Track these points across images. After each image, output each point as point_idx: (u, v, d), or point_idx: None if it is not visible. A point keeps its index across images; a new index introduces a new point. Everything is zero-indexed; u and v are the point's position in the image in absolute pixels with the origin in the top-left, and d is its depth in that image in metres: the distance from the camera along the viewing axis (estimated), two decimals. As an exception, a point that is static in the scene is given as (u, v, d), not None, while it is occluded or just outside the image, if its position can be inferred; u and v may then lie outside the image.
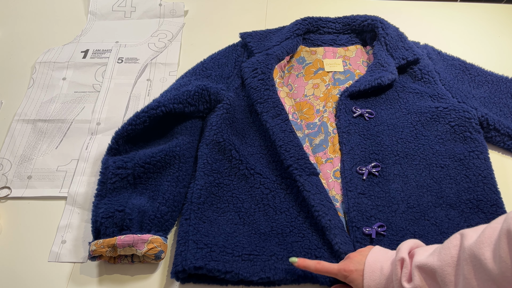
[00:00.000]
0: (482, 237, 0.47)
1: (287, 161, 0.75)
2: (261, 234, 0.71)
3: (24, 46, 1.04)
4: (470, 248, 0.48)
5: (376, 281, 0.58)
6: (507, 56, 1.00)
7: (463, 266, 0.48)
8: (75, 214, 0.76)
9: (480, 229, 0.49)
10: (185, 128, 0.81)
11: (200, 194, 0.73)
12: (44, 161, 0.83)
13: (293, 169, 0.74)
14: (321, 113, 0.86)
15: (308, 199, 0.71)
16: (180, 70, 0.98)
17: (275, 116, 0.80)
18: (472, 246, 0.48)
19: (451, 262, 0.50)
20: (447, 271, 0.50)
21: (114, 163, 0.74)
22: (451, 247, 0.51)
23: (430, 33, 1.04)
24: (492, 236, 0.46)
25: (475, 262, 0.47)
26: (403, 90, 0.88)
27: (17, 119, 0.89)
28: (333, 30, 0.98)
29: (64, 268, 0.71)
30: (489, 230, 0.47)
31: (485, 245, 0.46)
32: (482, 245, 0.46)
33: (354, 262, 0.61)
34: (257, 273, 0.66)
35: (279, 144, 0.77)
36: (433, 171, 0.77)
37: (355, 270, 0.60)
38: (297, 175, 0.73)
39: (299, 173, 0.74)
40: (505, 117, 0.85)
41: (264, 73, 0.85)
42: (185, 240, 0.68)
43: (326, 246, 0.70)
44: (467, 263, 0.47)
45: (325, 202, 0.71)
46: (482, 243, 0.47)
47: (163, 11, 1.09)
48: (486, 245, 0.46)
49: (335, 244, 0.67)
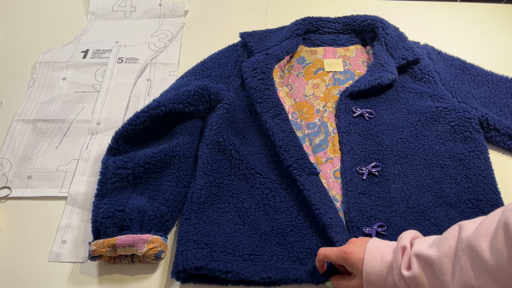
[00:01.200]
0: (479, 229, 0.47)
1: (287, 161, 0.75)
2: (261, 234, 0.71)
3: (24, 46, 1.04)
4: (467, 239, 0.48)
5: (376, 268, 0.57)
6: (507, 56, 1.00)
7: (460, 257, 0.48)
8: (75, 214, 0.76)
9: (479, 221, 0.50)
10: (185, 128, 0.81)
11: (200, 194, 0.73)
12: (44, 161, 0.83)
13: (293, 169, 0.74)
14: (321, 113, 0.86)
15: (309, 197, 0.71)
16: (180, 70, 0.98)
17: (275, 116, 0.80)
18: (469, 237, 0.48)
19: (448, 252, 0.50)
20: (444, 261, 0.50)
21: (114, 163, 0.74)
22: (449, 238, 0.51)
23: (430, 33, 1.04)
24: (490, 227, 0.46)
25: (472, 253, 0.47)
26: (403, 90, 0.88)
27: (17, 119, 0.89)
28: (333, 30, 0.99)
29: (64, 268, 0.71)
30: (487, 222, 0.47)
31: (482, 236, 0.46)
32: (479, 236, 0.47)
33: (355, 245, 0.61)
34: (258, 273, 0.66)
35: (278, 144, 0.77)
36: (433, 171, 0.77)
37: (355, 252, 0.59)
38: (297, 174, 0.73)
39: (299, 172, 0.74)
40: (505, 117, 0.85)
41: (264, 73, 0.85)
42: (186, 240, 0.68)
43: (326, 245, 0.69)
44: (464, 253, 0.48)
45: (325, 201, 0.71)
46: (479, 234, 0.47)
47: (163, 11, 1.09)
48: (483, 237, 0.46)
49: (337, 242, 0.67)
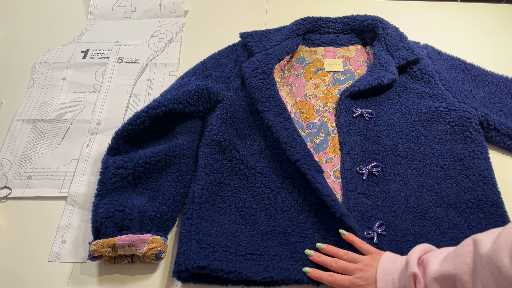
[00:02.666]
0: (498, 244, 0.46)
1: (294, 156, 0.75)
2: (263, 233, 0.71)
3: (24, 46, 1.04)
4: (487, 256, 0.47)
5: None
6: (507, 56, 1.00)
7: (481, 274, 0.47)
8: (75, 214, 0.76)
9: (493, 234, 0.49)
10: (185, 128, 0.81)
11: (201, 193, 0.73)
12: (44, 161, 0.83)
13: (301, 164, 0.74)
14: (321, 113, 0.86)
15: (322, 190, 0.71)
16: (180, 70, 0.98)
17: (278, 115, 0.80)
18: (489, 254, 0.46)
19: (467, 270, 0.49)
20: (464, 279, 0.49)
21: (114, 163, 0.74)
22: (465, 254, 0.50)
23: (430, 33, 1.04)
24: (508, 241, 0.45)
25: (494, 270, 0.46)
26: (403, 90, 0.88)
27: (17, 119, 0.89)
28: (333, 30, 0.99)
29: (64, 268, 0.71)
30: (505, 236, 0.46)
31: (503, 251, 0.45)
32: (499, 252, 0.45)
33: (364, 277, 0.62)
34: (261, 273, 0.66)
35: (283, 140, 0.76)
36: (433, 171, 0.77)
37: (367, 284, 0.61)
38: (306, 168, 0.73)
39: (308, 167, 0.73)
40: (505, 117, 0.85)
41: (265, 73, 0.85)
42: (188, 240, 0.68)
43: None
44: (485, 271, 0.46)
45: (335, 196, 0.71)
46: (499, 249, 0.46)
47: (163, 11, 1.09)
48: (503, 252, 0.45)
49: (358, 231, 0.69)
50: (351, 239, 0.68)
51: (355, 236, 0.68)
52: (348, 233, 0.69)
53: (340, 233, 0.69)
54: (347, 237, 0.68)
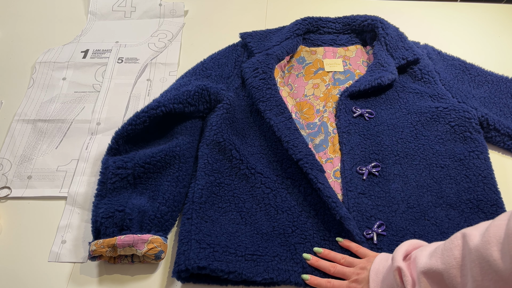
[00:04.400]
0: (487, 237, 0.46)
1: (297, 156, 0.75)
2: (263, 234, 0.71)
3: (24, 46, 1.04)
4: (476, 249, 0.46)
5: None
6: (507, 56, 1.00)
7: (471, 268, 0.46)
8: (75, 214, 0.76)
9: (482, 227, 0.48)
10: (185, 128, 0.81)
11: (201, 193, 0.73)
12: (44, 161, 0.83)
13: (304, 163, 0.74)
14: (321, 113, 0.86)
15: (324, 190, 0.71)
16: (180, 70, 0.98)
17: (279, 114, 0.80)
18: (478, 247, 0.46)
19: (455, 264, 0.49)
20: (452, 273, 0.49)
21: (114, 163, 0.74)
22: (453, 247, 0.50)
23: (430, 33, 1.04)
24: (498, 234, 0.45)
25: (483, 263, 0.45)
26: (403, 90, 0.88)
27: (17, 119, 0.89)
28: (333, 30, 0.99)
29: (64, 268, 0.71)
30: (494, 229, 0.46)
31: (492, 245, 0.45)
32: (488, 245, 0.45)
33: (359, 279, 0.63)
34: (261, 274, 0.66)
35: (285, 140, 0.77)
36: (433, 171, 0.77)
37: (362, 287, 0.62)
38: (309, 168, 0.73)
39: (310, 166, 0.73)
40: (505, 117, 0.85)
41: (265, 73, 0.85)
42: (188, 240, 0.68)
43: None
44: (475, 264, 0.46)
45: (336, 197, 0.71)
46: (488, 243, 0.45)
47: (163, 11, 1.09)
48: (493, 245, 0.45)
49: (356, 234, 0.69)
50: (347, 245, 0.69)
51: (351, 242, 0.69)
52: (344, 240, 0.70)
53: (337, 241, 0.70)
54: (343, 243, 0.69)
